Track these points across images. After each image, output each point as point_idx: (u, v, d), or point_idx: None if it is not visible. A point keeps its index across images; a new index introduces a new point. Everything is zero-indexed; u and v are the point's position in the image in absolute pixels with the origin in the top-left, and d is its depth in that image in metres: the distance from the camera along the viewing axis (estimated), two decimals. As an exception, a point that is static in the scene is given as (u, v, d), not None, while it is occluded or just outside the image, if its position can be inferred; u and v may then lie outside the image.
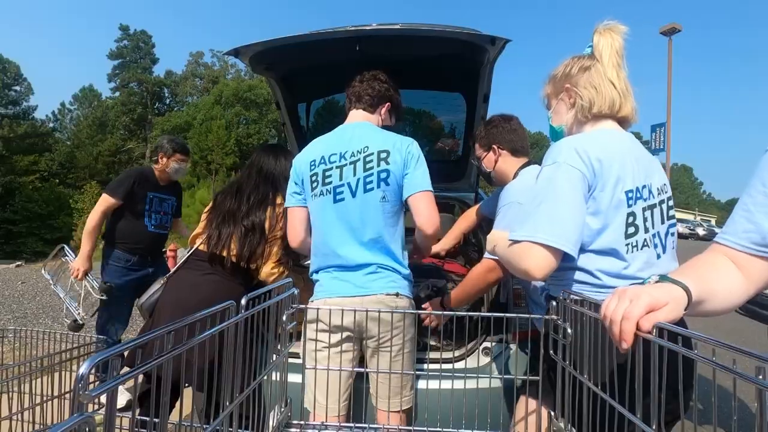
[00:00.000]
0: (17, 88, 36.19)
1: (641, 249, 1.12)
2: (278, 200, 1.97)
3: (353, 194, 1.58)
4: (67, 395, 1.35)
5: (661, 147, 18.37)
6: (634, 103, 1.24)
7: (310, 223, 1.70)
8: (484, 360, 1.86)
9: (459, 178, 2.94)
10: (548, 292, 1.25)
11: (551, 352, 1.08)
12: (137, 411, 1.50)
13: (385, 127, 1.76)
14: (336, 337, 1.51)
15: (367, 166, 1.58)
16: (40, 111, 55.42)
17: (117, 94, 40.24)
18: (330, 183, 1.61)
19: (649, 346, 0.71)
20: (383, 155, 1.58)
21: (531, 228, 1.09)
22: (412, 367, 1.57)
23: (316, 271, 1.65)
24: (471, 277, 1.73)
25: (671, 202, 1.24)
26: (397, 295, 1.55)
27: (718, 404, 0.62)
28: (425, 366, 1.66)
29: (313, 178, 1.65)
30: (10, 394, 1.29)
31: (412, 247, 1.83)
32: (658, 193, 1.19)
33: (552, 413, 1.09)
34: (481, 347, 1.88)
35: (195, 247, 1.98)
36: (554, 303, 1.08)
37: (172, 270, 2.01)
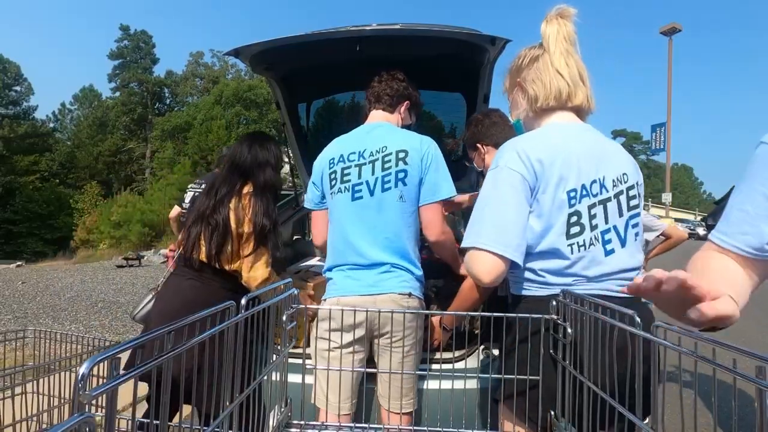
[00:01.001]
0: (17, 88, 36.25)
1: (588, 248, 1.11)
2: (245, 189, 1.84)
3: (371, 193, 1.60)
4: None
5: (661, 147, 18.36)
6: (589, 91, 1.19)
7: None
8: (485, 360, 1.86)
9: (459, 178, 2.94)
10: (510, 290, 1.27)
11: (551, 351, 1.08)
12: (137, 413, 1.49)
13: (405, 126, 1.78)
14: (348, 337, 1.52)
15: (386, 166, 1.60)
16: (41, 111, 55.55)
17: (117, 94, 40.21)
18: (349, 181, 1.62)
19: (649, 346, 0.71)
20: (401, 155, 1.60)
21: (475, 235, 1.11)
22: (417, 369, 1.57)
23: (330, 269, 1.66)
24: (459, 296, 1.72)
25: (634, 191, 1.17)
26: (409, 295, 1.56)
27: (718, 404, 0.62)
28: (426, 366, 1.66)
29: (332, 176, 1.66)
30: (26, 395, 1.28)
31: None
32: (614, 186, 1.14)
33: (552, 413, 1.09)
34: (481, 348, 1.88)
35: (178, 251, 1.91)
36: (554, 303, 1.08)
37: (162, 278, 1.96)
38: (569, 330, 1.00)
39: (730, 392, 0.57)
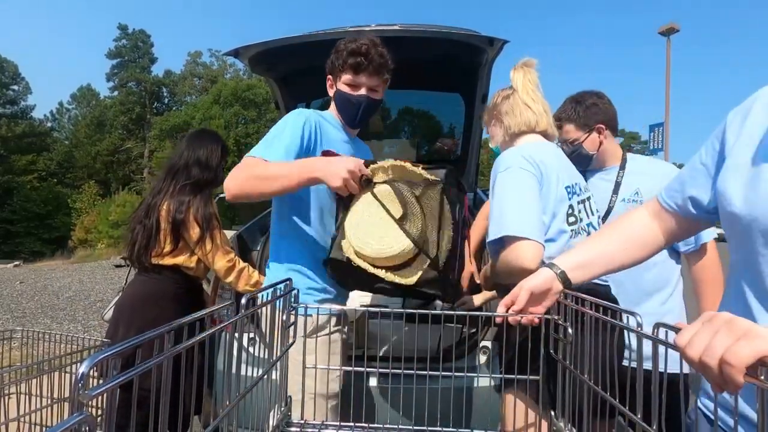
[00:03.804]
0: (15, 87, 36.08)
1: (577, 237, 1.33)
2: (175, 189, 1.96)
3: None
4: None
5: (660, 147, 18.39)
6: (551, 120, 1.48)
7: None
8: (482, 359, 1.87)
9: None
10: None
11: (551, 351, 1.09)
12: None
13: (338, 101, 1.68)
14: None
15: None
16: (39, 110, 55.27)
17: (115, 93, 40.09)
18: None
19: (648, 345, 0.71)
20: None
21: (497, 227, 1.24)
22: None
23: None
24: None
25: (593, 199, 1.48)
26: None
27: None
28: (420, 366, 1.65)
29: None
30: (18, 395, 1.28)
31: None
32: (584, 191, 1.42)
33: (552, 413, 1.09)
34: (480, 346, 1.88)
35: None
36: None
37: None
38: (569, 330, 1.00)
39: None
